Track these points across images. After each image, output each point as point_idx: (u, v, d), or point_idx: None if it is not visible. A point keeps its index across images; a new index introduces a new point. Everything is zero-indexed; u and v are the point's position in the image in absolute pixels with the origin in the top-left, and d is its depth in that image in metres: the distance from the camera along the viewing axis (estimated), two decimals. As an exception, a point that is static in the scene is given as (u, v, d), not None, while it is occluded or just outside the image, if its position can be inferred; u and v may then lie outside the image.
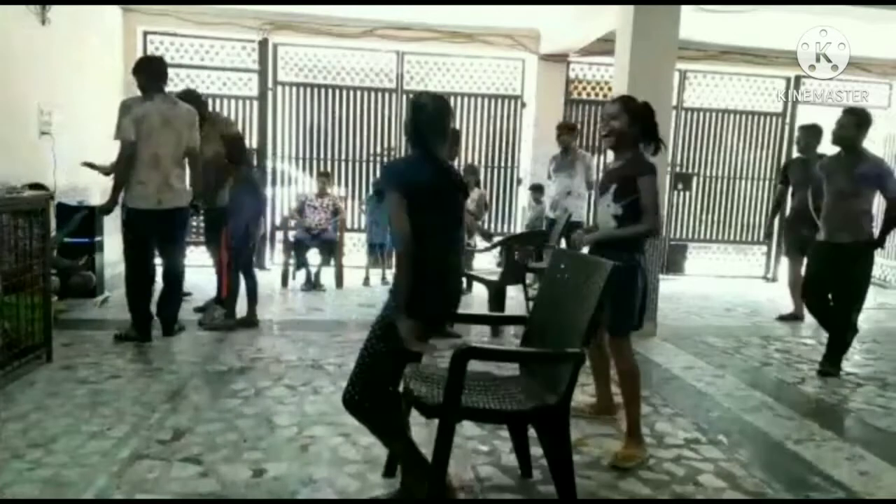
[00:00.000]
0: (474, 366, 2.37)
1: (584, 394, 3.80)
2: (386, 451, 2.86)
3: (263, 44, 7.81)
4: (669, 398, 3.92)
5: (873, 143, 9.20)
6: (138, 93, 4.52)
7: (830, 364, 4.51)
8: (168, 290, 4.77)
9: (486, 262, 7.78)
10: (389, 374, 2.39)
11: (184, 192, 4.60)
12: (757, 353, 5.07)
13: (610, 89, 7.23)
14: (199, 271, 6.36)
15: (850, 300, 4.52)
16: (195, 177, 4.78)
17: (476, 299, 6.37)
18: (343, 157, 8.41)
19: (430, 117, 2.41)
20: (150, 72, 4.53)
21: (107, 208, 4.67)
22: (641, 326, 3.20)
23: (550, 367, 2.58)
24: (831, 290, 4.58)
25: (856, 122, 4.34)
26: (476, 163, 8.15)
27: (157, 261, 4.75)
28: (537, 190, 7.53)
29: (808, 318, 6.40)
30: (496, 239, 7.09)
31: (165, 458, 2.80)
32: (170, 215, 4.51)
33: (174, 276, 4.75)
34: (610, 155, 5.72)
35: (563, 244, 6.10)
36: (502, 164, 8.81)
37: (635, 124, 3.11)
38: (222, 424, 3.20)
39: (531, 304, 3.98)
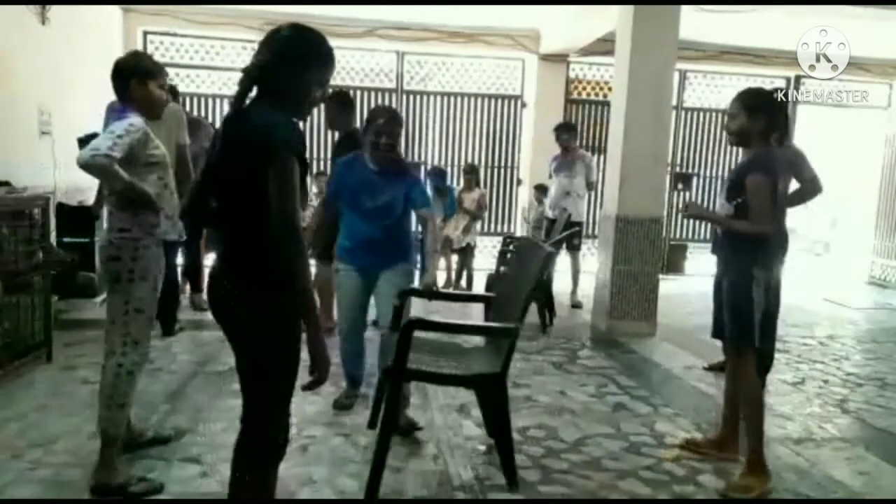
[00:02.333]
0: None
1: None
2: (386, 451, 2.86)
3: (263, 44, 7.80)
4: (669, 398, 3.92)
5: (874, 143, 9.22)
6: None
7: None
8: (164, 291, 4.76)
9: (486, 262, 7.78)
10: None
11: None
12: (757, 353, 5.07)
13: (610, 89, 7.24)
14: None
15: None
16: (182, 175, 4.71)
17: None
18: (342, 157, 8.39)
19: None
20: None
21: (95, 212, 4.72)
22: (767, 351, 2.90)
23: (500, 339, 2.83)
24: None
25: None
26: (476, 163, 8.16)
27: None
28: (541, 190, 7.51)
29: (809, 318, 6.40)
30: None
31: (165, 458, 2.80)
32: None
33: (169, 277, 4.74)
34: (611, 156, 5.75)
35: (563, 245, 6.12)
36: (502, 164, 8.81)
37: (757, 118, 2.86)
38: (222, 424, 3.19)
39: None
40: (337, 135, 4.95)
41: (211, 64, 8.00)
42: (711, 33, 7.65)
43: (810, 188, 3.96)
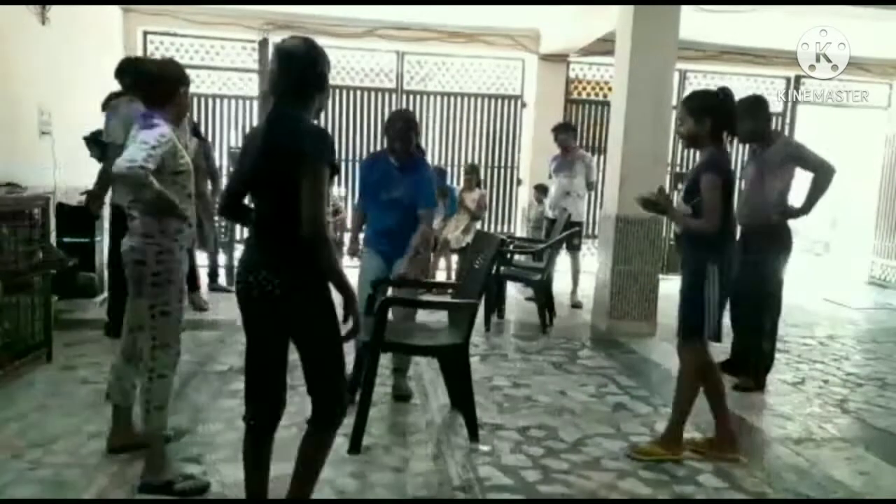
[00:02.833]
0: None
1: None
2: (385, 452, 2.86)
3: (263, 44, 7.81)
4: (669, 398, 3.89)
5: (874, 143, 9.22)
6: None
7: None
8: None
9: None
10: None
11: None
12: (757, 353, 5.06)
13: (610, 89, 7.24)
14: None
15: None
16: None
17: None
18: (343, 156, 8.40)
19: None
20: (135, 73, 4.54)
21: (95, 212, 4.73)
22: (719, 339, 3.08)
23: (460, 316, 3.34)
24: None
25: None
26: (476, 162, 8.15)
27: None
28: (542, 190, 7.50)
29: (810, 318, 6.40)
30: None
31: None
32: None
33: None
34: (611, 156, 5.75)
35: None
36: (502, 164, 8.82)
37: (702, 121, 2.97)
38: (222, 424, 3.20)
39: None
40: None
41: (211, 64, 8.00)
42: (711, 33, 7.64)
43: (823, 173, 3.97)
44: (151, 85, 2.61)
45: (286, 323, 2.07)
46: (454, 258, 7.20)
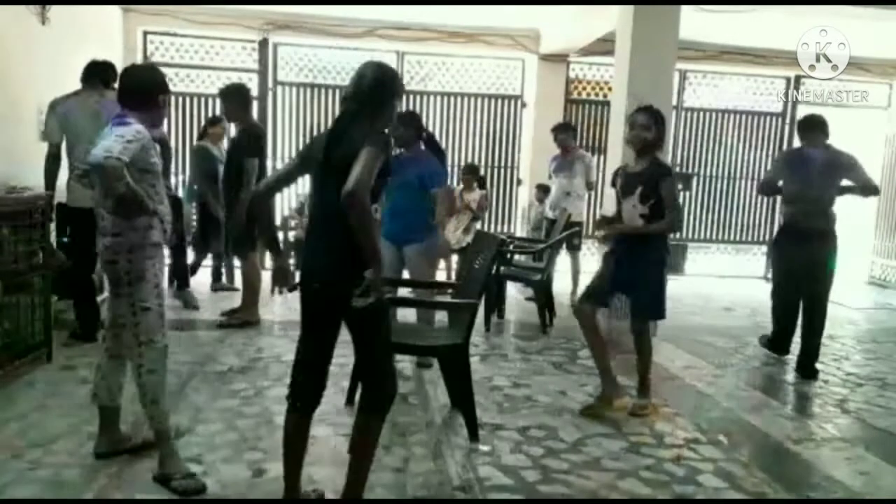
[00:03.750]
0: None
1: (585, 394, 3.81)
2: (385, 452, 2.85)
3: (263, 44, 7.81)
4: (669, 398, 3.92)
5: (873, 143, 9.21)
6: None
7: None
8: None
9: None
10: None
11: None
12: (757, 352, 5.07)
13: (610, 89, 7.23)
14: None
15: None
16: None
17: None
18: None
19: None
20: (87, 70, 4.51)
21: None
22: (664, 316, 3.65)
23: (460, 316, 3.40)
24: None
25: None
26: (476, 162, 8.14)
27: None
28: (543, 190, 7.49)
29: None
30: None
31: (165, 458, 2.80)
32: None
33: None
34: (611, 156, 5.75)
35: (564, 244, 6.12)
36: (502, 164, 8.81)
37: (660, 131, 3.49)
38: (222, 424, 3.20)
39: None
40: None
41: (211, 64, 7.99)
42: (711, 33, 7.64)
43: (869, 193, 4.65)
44: (133, 90, 2.65)
45: (349, 319, 2.27)
46: (454, 258, 7.20)
